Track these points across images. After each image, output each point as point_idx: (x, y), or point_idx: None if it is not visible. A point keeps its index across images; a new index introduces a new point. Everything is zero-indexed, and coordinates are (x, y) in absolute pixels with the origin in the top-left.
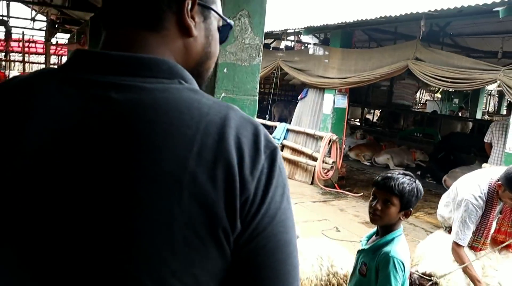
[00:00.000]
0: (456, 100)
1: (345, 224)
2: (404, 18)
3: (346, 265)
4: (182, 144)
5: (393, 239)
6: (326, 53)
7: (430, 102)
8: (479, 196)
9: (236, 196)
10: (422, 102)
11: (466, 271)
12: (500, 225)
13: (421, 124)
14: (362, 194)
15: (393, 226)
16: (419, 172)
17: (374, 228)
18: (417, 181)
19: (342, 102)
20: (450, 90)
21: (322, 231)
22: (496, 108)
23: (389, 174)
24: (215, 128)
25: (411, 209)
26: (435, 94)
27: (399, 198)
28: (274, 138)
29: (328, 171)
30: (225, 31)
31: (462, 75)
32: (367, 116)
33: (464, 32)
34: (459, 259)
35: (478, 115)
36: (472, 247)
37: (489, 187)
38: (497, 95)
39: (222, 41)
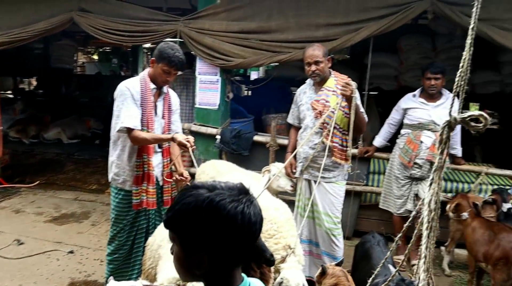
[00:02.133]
0: (115, 60)
1: (28, 230)
2: None
3: None
4: None
5: None
6: None
7: (88, 64)
8: (127, 84)
9: None
10: (79, 65)
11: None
12: None
13: (88, 88)
14: (38, 182)
15: None
16: (98, 141)
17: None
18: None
19: None
20: (108, 50)
21: None
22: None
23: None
24: None
25: None
26: (93, 56)
27: None
28: None
29: None
30: None
31: (140, 27)
32: (22, 85)
33: None
34: (145, 140)
35: (140, 71)
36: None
37: (141, 77)
38: (149, 53)
39: None
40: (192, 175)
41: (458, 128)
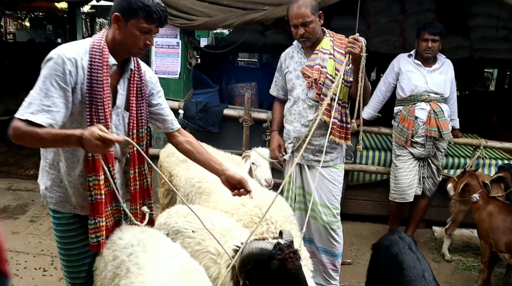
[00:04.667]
0: (50, 26)
1: None
2: None
3: None
4: None
5: None
6: None
7: (19, 31)
8: (66, 52)
9: None
10: (8, 32)
11: None
12: None
13: (20, 57)
14: None
15: None
16: None
17: None
18: None
19: None
20: (40, 15)
21: None
22: (90, 31)
23: None
24: None
25: None
26: (24, 22)
27: None
28: None
29: None
30: None
31: None
32: None
33: None
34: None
35: (79, 39)
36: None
37: (93, 45)
38: (87, 19)
39: None
40: (153, 157)
41: (455, 97)
